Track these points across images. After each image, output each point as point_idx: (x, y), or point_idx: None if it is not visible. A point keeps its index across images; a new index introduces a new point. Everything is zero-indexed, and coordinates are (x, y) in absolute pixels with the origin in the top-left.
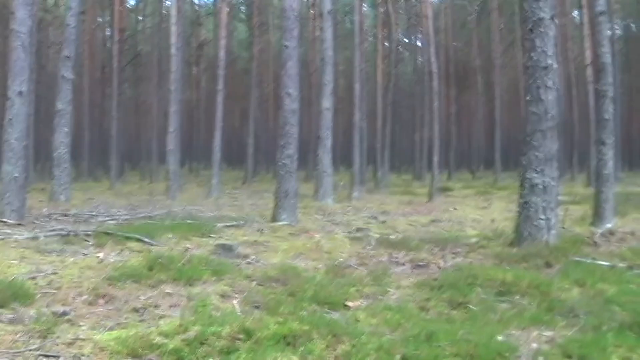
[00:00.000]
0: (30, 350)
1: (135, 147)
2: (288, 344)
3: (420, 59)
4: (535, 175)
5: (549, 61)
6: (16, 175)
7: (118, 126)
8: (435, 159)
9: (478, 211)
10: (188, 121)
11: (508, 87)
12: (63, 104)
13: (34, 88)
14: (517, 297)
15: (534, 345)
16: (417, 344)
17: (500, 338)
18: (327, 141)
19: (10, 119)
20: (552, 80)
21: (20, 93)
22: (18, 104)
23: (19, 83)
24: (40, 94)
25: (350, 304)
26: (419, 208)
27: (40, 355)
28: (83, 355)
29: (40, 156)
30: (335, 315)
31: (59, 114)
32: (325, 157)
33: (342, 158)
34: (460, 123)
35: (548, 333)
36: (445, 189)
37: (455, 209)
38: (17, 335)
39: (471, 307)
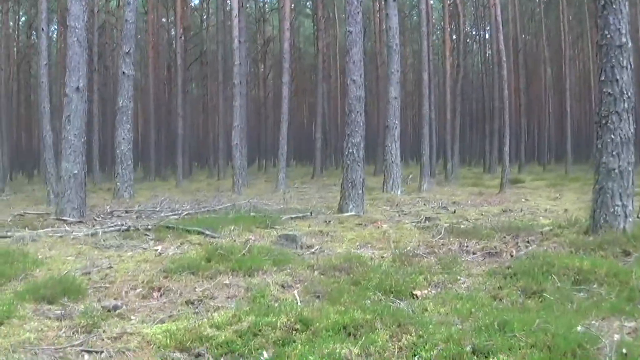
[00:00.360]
0: (73, 345)
1: (203, 146)
2: (349, 334)
3: (488, 52)
4: (611, 159)
5: (624, 39)
6: (75, 172)
7: (185, 125)
8: (506, 148)
9: (550, 202)
10: (256, 119)
11: (577, 80)
12: (124, 100)
13: (98, 89)
14: (595, 286)
15: (616, 336)
16: (489, 334)
17: (579, 328)
18: (396, 130)
19: (69, 115)
20: (627, 60)
21: (77, 89)
22: (76, 100)
23: (76, 79)
24: (106, 96)
25: (417, 292)
26: (489, 199)
27: (83, 350)
28: (128, 349)
29: (106, 158)
30: (402, 305)
31: (120, 111)
32: (394, 147)
33: (411, 152)
34: (530, 115)
35: (630, 324)
36: (516, 181)
37: (526, 199)
38: (62, 331)
39: (546, 296)
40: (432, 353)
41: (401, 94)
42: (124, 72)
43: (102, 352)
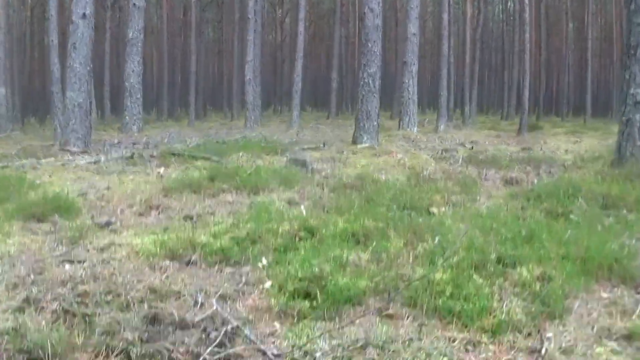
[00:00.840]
0: (55, 256)
1: (217, 91)
2: (358, 242)
3: (510, 3)
4: (639, 90)
5: None
6: (80, 100)
7: (198, 65)
8: (526, 92)
9: (570, 144)
10: (272, 63)
11: (599, 35)
12: (134, 32)
13: (110, 28)
14: (624, 211)
15: None
16: (515, 245)
17: (612, 246)
18: (413, 67)
19: (74, 43)
20: None
21: (84, 15)
22: (82, 27)
23: (83, 5)
24: (119, 37)
25: (434, 210)
26: (508, 140)
27: (64, 260)
28: (114, 259)
29: (119, 101)
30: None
31: (130, 43)
32: (411, 84)
33: (428, 102)
34: (549, 70)
35: None
36: (534, 127)
37: (545, 142)
38: (45, 244)
39: (573, 217)
40: (452, 260)
41: (420, 38)
42: (134, 4)
43: (84, 261)
